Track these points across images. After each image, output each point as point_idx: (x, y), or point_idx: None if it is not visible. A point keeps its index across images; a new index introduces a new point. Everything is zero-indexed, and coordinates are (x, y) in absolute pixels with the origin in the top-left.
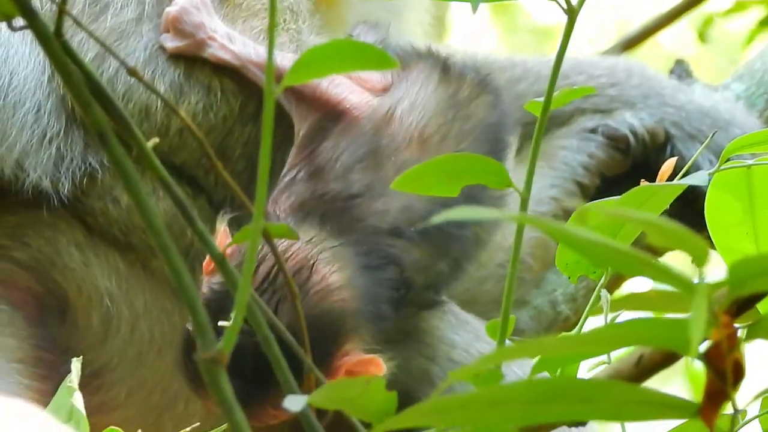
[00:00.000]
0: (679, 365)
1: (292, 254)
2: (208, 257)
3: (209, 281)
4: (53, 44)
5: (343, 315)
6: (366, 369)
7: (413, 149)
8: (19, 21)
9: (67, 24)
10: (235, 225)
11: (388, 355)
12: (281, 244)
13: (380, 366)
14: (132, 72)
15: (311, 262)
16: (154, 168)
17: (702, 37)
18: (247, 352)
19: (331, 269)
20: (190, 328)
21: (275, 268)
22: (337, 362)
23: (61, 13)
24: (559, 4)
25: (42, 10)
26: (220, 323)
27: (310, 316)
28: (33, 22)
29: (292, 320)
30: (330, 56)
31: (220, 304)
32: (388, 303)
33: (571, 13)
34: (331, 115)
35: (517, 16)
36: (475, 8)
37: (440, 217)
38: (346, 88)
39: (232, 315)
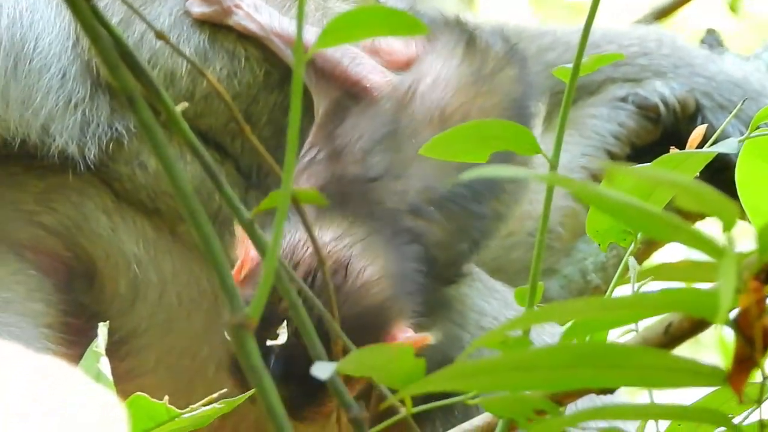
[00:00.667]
0: (710, 339)
1: (328, 253)
2: (236, 267)
3: (243, 293)
4: (82, 7)
5: (385, 305)
6: (416, 345)
7: (434, 128)
8: None
9: None
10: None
11: (433, 330)
12: (307, 249)
13: (427, 337)
14: (160, 35)
15: (345, 262)
16: (183, 132)
17: (734, 8)
18: (295, 359)
19: (365, 264)
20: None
21: (309, 276)
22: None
23: None
24: None
25: None
26: (269, 343)
27: (354, 313)
28: None
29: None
30: (360, 21)
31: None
32: (417, 280)
33: None
34: (351, 94)
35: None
36: None
37: (470, 173)
38: (368, 67)
39: (279, 332)
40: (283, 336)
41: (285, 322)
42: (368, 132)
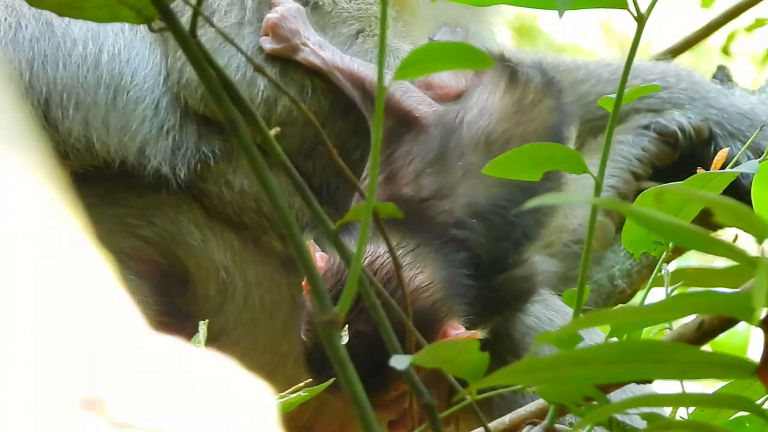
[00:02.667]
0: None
1: (379, 266)
2: (305, 280)
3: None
4: (190, 43)
5: (435, 306)
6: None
7: (479, 152)
8: (158, 23)
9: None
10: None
11: (482, 326)
12: (367, 257)
13: (477, 334)
14: (258, 67)
15: (398, 265)
16: (276, 153)
17: (726, 50)
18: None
19: (416, 272)
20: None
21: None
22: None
23: (196, 15)
24: (630, 12)
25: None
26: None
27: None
28: (172, 24)
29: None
30: (433, 56)
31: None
32: (465, 283)
33: (640, 20)
34: (404, 123)
35: (537, 37)
36: (561, 14)
37: (533, 203)
38: (418, 99)
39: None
40: (345, 337)
41: (347, 326)
42: (420, 156)
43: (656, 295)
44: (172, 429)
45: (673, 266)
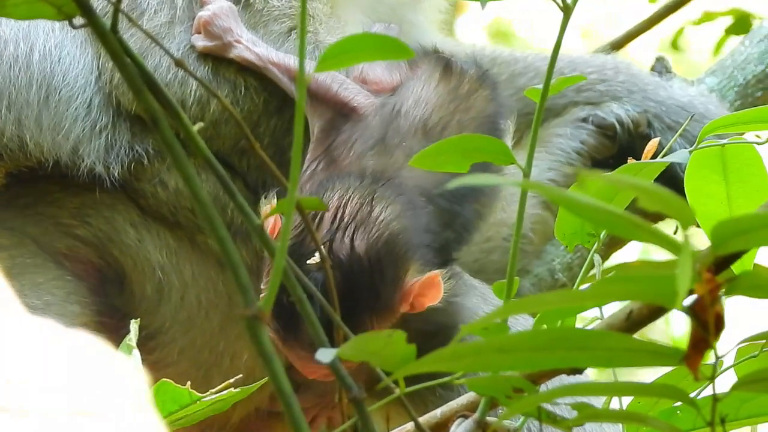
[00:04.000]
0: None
1: (350, 197)
2: (270, 225)
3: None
4: (110, 39)
5: (404, 239)
6: (431, 289)
7: (418, 138)
8: (79, 20)
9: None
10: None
11: (446, 275)
12: (336, 192)
13: (440, 284)
14: (178, 63)
15: (370, 197)
16: (199, 147)
17: (675, 44)
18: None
19: (386, 203)
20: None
21: (338, 212)
22: (408, 284)
23: (117, 11)
24: (556, 3)
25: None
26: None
27: (379, 242)
28: (92, 19)
29: (367, 249)
30: (354, 47)
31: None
32: (429, 238)
33: (566, 10)
34: (342, 113)
35: (512, 41)
36: (483, 5)
37: (457, 182)
38: (354, 90)
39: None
40: (316, 257)
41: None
42: (360, 141)
43: None
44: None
45: (619, 260)
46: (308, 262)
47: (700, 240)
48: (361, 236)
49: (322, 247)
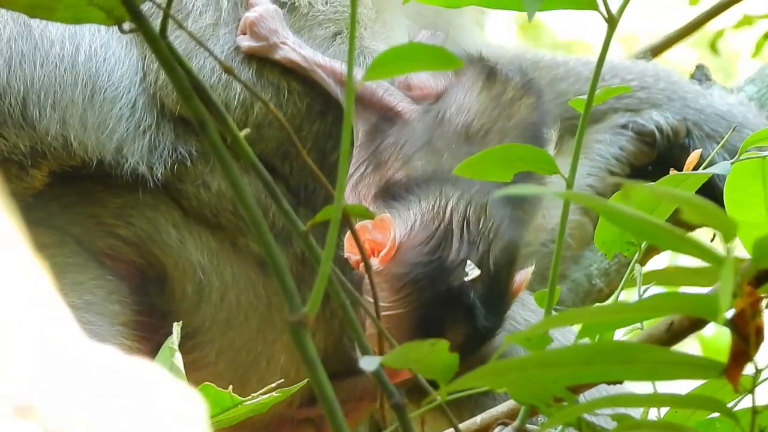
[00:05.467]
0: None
1: (470, 204)
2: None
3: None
4: (160, 44)
5: (513, 251)
6: (523, 284)
7: (461, 144)
8: (128, 24)
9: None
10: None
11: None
12: (441, 199)
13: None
14: (226, 68)
15: (484, 206)
16: (245, 152)
17: (714, 48)
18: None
19: (491, 210)
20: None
21: (466, 226)
22: (519, 280)
23: (166, 16)
24: (601, 13)
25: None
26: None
27: (505, 253)
28: (142, 24)
29: (501, 261)
30: (403, 57)
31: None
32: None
33: (611, 21)
34: (387, 118)
35: (541, 33)
36: (531, 15)
37: (503, 191)
38: (398, 97)
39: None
40: (475, 270)
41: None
42: (408, 144)
43: (632, 295)
44: (118, 426)
45: (652, 266)
46: (467, 279)
47: (737, 248)
48: (494, 248)
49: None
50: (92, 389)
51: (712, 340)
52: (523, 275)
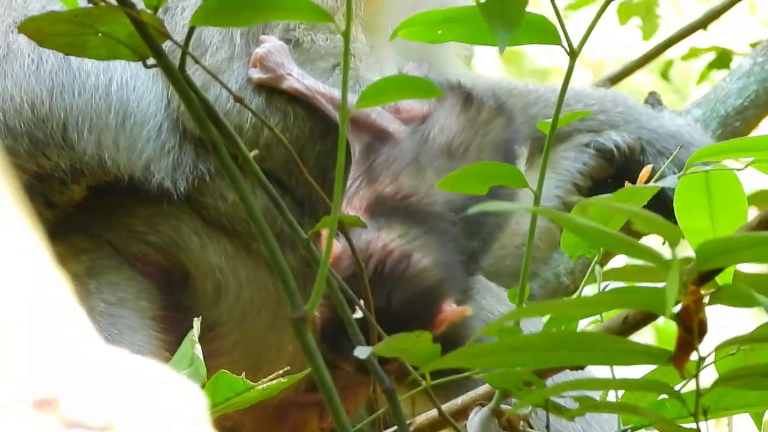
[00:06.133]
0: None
1: (391, 249)
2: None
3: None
4: (178, 77)
5: (437, 287)
6: (458, 317)
7: (444, 159)
8: (151, 60)
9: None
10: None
11: (471, 306)
12: (380, 240)
13: (467, 310)
14: (237, 98)
15: (407, 253)
16: (254, 171)
17: (665, 75)
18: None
19: (422, 255)
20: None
21: (379, 269)
22: (439, 318)
23: (184, 54)
24: (563, 47)
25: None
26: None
27: (415, 293)
28: (162, 61)
29: (402, 300)
30: (390, 87)
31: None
32: (460, 267)
33: (572, 54)
34: (379, 138)
35: (523, 61)
36: (502, 50)
37: (477, 208)
38: (389, 119)
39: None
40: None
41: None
42: (396, 162)
43: (594, 291)
44: (120, 425)
45: (614, 264)
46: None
47: (685, 249)
48: (399, 292)
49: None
50: (109, 385)
51: (665, 328)
52: (451, 311)
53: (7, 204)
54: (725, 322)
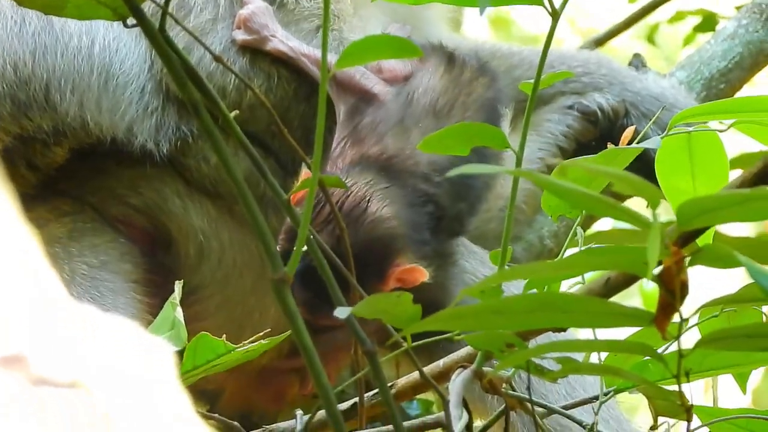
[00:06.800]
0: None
1: (352, 192)
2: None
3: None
4: (158, 38)
5: (393, 237)
6: (413, 276)
7: (429, 119)
8: (131, 20)
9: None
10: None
11: (430, 267)
12: (347, 183)
13: (424, 273)
14: (217, 59)
15: (367, 198)
16: (235, 132)
17: (651, 39)
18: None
19: (383, 204)
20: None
21: (337, 205)
22: (390, 271)
23: (164, 14)
24: (545, 8)
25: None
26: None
27: (368, 239)
28: (141, 20)
29: (353, 243)
30: (371, 47)
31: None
32: (428, 231)
33: (554, 15)
34: (364, 99)
35: (511, 27)
36: (482, 11)
37: (456, 171)
38: (374, 80)
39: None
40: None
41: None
42: (382, 123)
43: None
44: (87, 383)
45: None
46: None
47: (668, 211)
48: (352, 233)
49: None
50: (78, 343)
51: (652, 293)
52: (403, 268)
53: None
54: (709, 287)
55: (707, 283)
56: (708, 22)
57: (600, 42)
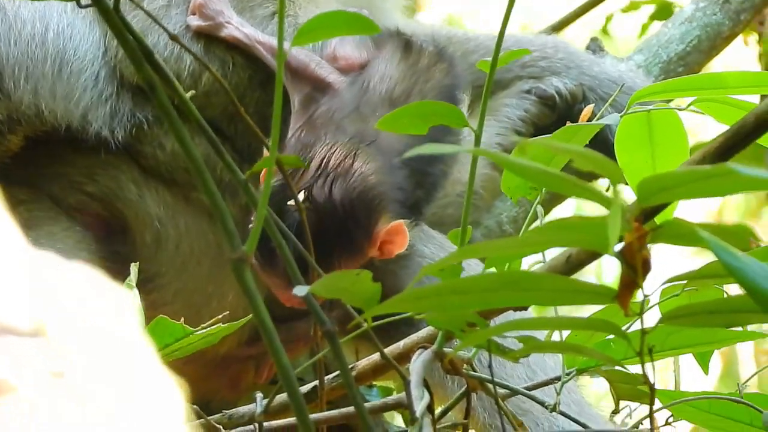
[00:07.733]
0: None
1: (338, 148)
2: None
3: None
4: (114, 17)
5: (379, 192)
6: (397, 235)
7: (386, 108)
8: (86, 0)
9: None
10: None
11: (411, 224)
12: (328, 140)
13: (406, 233)
14: (174, 38)
15: (353, 152)
16: (191, 112)
17: (605, 30)
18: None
19: (370, 161)
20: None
21: (323, 161)
22: (377, 231)
23: None
24: None
25: None
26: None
27: (354, 192)
28: (97, 0)
29: (344, 196)
30: (327, 23)
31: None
32: (404, 194)
33: None
34: (319, 88)
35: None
36: None
37: (414, 151)
38: (327, 70)
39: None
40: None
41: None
42: (338, 111)
43: None
44: (50, 328)
45: (557, 214)
46: (288, 203)
47: (629, 195)
48: (340, 184)
49: (301, 192)
50: (39, 290)
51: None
52: (391, 227)
53: None
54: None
55: (672, 268)
56: (663, 11)
57: (556, 29)
